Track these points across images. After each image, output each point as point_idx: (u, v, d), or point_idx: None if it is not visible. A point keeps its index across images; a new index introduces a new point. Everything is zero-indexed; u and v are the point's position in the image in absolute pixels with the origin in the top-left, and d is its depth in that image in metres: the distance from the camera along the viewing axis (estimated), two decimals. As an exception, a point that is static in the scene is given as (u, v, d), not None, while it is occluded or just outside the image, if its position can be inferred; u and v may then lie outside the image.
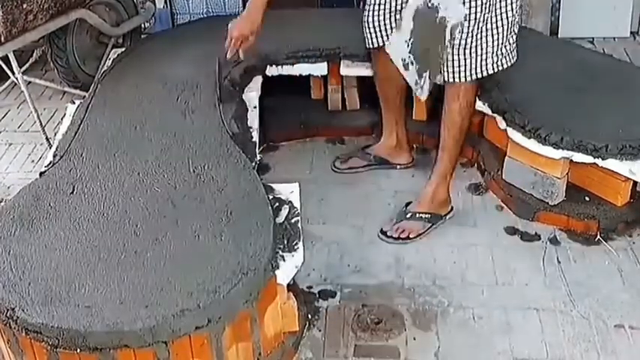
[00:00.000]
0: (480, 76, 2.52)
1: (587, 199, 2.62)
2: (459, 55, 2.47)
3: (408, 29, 2.51)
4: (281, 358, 2.04)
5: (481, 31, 2.44)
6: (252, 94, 2.87)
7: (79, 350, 1.67)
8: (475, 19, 2.41)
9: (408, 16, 2.51)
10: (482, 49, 2.47)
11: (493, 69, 2.52)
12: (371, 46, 2.67)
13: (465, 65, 2.49)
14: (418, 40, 2.52)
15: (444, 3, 2.42)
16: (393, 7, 2.55)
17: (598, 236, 2.56)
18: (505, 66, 2.54)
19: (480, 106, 2.75)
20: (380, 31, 2.61)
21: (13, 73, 3.17)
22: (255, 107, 2.78)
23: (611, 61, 3.08)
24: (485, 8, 2.40)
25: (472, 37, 2.44)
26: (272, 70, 3.06)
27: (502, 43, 2.49)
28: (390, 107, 2.90)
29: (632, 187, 2.58)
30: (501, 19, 2.44)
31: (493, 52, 2.48)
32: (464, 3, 2.39)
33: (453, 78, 2.51)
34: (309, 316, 2.27)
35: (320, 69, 3.10)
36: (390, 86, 2.82)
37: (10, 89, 3.74)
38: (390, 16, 2.56)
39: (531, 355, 2.12)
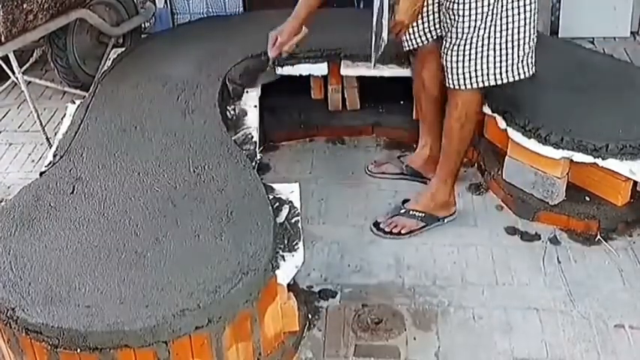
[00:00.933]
0: (478, 85, 2.42)
1: (587, 199, 2.61)
2: (457, 60, 2.39)
3: (376, 7, 2.33)
4: (281, 358, 2.04)
5: (482, 39, 2.35)
6: (252, 94, 2.87)
7: (79, 350, 1.67)
8: (475, 26, 2.33)
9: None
10: (484, 57, 2.37)
11: (499, 79, 2.41)
12: (409, 48, 2.59)
13: (463, 72, 2.40)
14: (375, 22, 2.36)
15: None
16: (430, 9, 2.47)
17: (598, 236, 2.56)
18: (515, 78, 2.42)
19: (479, 105, 2.75)
20: (415, 32, 2.54)
21: (14, 73, 3.17)
22: (255, 107, 2.78)
23: (611, 61, 3.08)
24: (487, 16, 2.31)
25: (472, 43, 2.35)
26: (272, 70, 3.06)
27: (510, 53, 2.37)
28: (425, 112, 2.75)
29: (633, 187, 2.57)
30: (507, 28, 2.34)
31: (499, 62, 2.38)
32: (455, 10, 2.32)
33: (450, 84, 2.44)
34: (310, 316, 2.26)
35: (320, 69, 3.10)
36: (434, 84, 2.63)
37: (10, 89, 3.74)
38: (428, 17, 2.49)
39: (531, 355, 2.12)
